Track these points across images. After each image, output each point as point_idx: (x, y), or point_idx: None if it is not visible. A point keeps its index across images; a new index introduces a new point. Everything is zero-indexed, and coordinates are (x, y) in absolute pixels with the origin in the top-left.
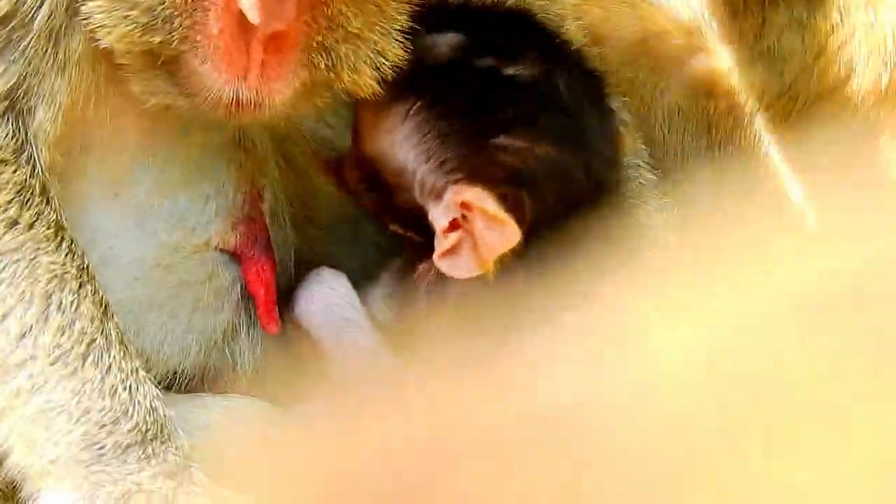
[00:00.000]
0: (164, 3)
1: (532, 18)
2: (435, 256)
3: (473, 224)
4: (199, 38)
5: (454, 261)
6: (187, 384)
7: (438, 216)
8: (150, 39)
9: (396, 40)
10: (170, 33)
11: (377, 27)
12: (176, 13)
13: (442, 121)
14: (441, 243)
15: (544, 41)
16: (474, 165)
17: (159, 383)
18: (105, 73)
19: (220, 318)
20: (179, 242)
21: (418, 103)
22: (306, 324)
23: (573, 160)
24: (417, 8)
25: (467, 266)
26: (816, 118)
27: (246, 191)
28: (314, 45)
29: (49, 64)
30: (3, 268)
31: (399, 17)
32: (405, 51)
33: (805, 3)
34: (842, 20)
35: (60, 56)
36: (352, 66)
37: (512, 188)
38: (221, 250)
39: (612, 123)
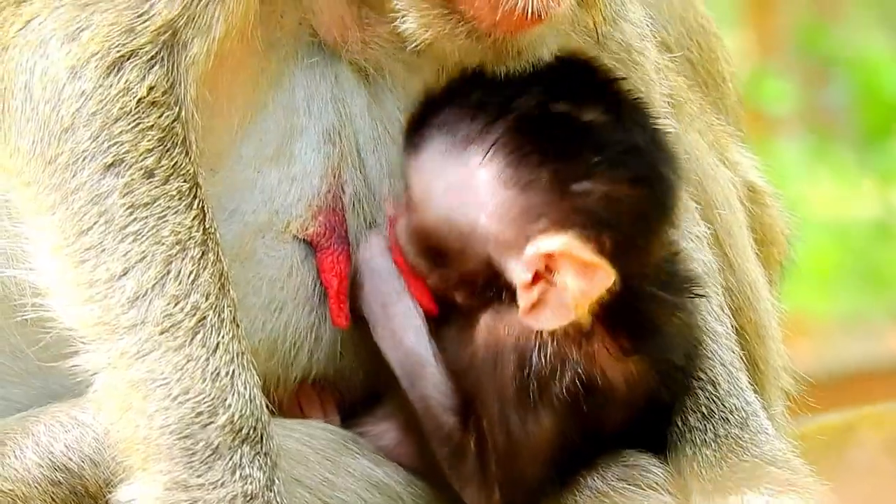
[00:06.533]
0: None
1: (595, 64)
2: (521, 313)
3: (562, 274)
4: None
5: (542, 313)
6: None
7: (519, 271)
8: None
9: None
10: None
11: None
12: None
13: (520, 169)
14: (525, 298)
15: (606, 84)
16: (558, 213)
17: None
18: (254, 6)
19: (293, 318)
20: (263, 225)
21: (493, 152)
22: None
23: (649, 197)
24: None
25: (557, 316)
26: None
27: (330, 182)
28: None
29: None
30: (133, 221)
31: None
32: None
33: None
34: None
35: None
36: None
37: (596, 233)
38: (300, 239)
39: (670, 149)
